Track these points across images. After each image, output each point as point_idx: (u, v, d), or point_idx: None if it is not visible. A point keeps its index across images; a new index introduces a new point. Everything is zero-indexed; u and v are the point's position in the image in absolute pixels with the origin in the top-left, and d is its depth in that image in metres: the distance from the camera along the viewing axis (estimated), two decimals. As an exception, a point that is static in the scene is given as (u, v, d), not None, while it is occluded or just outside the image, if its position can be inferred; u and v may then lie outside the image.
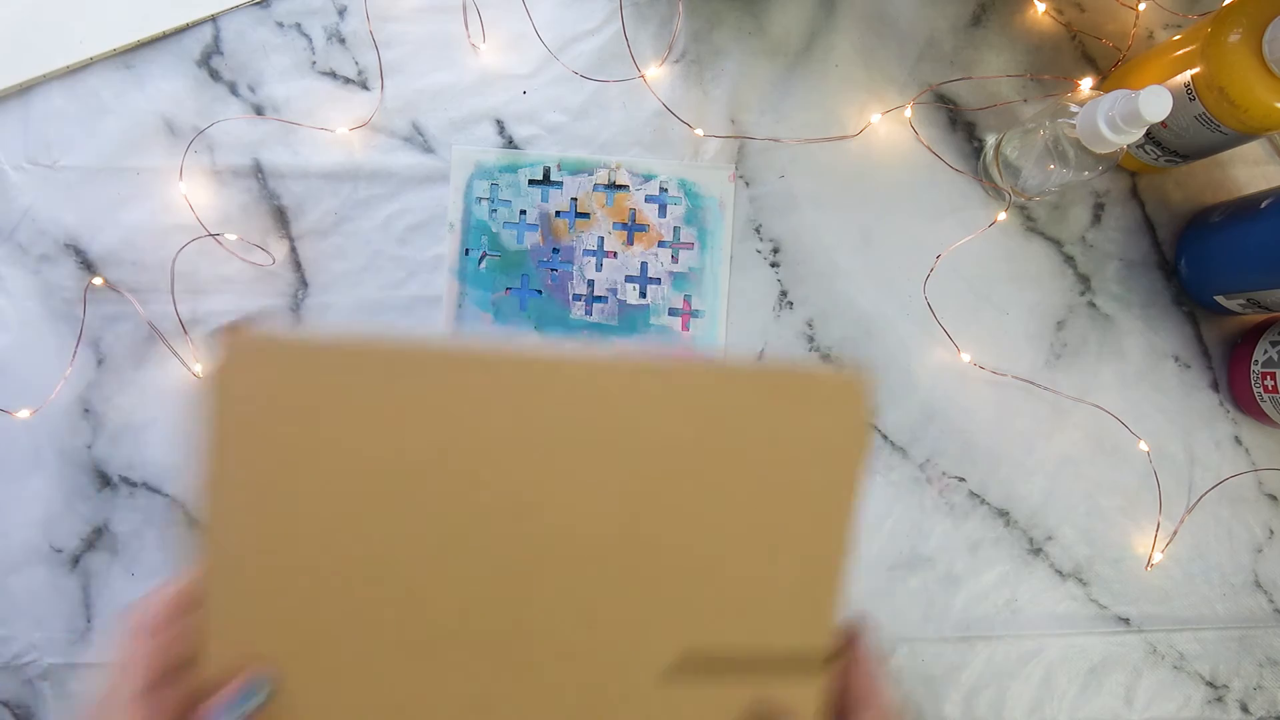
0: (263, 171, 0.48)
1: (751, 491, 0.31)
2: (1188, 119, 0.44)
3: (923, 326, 0.50)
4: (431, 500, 0.30)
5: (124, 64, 0.48)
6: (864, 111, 0.51)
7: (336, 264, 0.48)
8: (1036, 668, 0.50)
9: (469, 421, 0.29)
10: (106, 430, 0.47)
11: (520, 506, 0.30)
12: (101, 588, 0.47)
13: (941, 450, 0.50)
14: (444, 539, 0.30)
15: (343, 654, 0.30)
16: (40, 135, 0.48)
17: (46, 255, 0.47)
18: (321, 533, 0.29)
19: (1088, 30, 0.52)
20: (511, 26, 0.49)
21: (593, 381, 0.30)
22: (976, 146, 0.51)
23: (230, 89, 0.49)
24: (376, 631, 0.30)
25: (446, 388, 0.29)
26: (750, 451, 0.31)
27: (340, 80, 0.49)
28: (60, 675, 0.46)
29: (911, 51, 0.51)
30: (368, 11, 0.49)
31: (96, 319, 0.47)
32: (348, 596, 0.29)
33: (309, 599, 0.29)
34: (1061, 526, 0.50)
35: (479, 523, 0.30)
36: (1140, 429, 0.51)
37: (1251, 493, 0.51)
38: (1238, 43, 0.40)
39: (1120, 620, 0.50)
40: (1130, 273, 0.52)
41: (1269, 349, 0.48)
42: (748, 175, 0.50)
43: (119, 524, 0.47)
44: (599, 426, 0.30)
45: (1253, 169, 0.52)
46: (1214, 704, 0.51)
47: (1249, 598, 0.51)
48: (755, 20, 0.51)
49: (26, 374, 0.47)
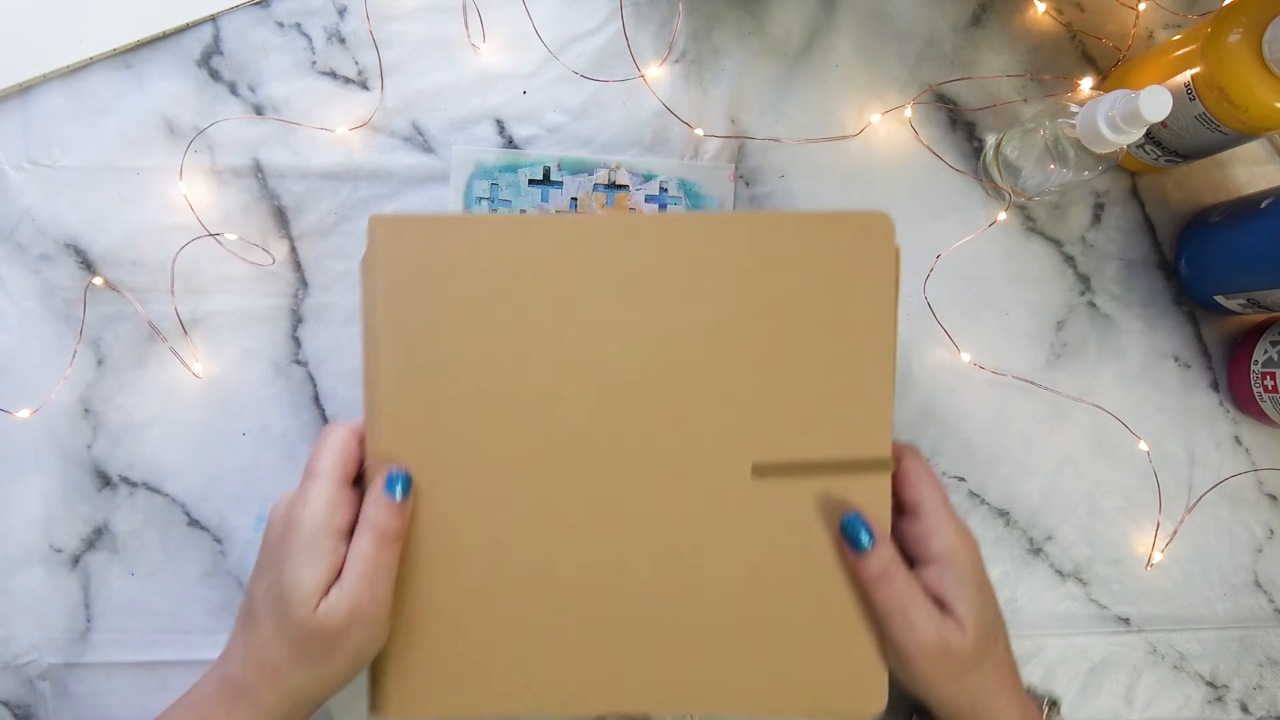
0: (263, 171, 0.48)
1: (804, 320, 0.38)
2: (1188, 119, 0.44)
3: (923, 326, 0.50)
4: (554, 333, 0.37)
5: (124, 64, 0.48)
6: (864, 111, 0.51)
7: (336, 264, 0.48)
8: (1036, 668, 0.50)
9: (577, 268, 0.37)
10: (106, 430, 0.47)
11: (623, 337, 0.37)
12: (101, 588, 0.47)
13: (941, 450, 0.50)
14: (565, 364, 0.37)
15: (489, 457, 0.37)
16: (40, 135, 0.48)
17: (46, 255, 0.47)
18: (469, 364, 0.37)
19: (1088, 30, 0.52)
20: (511, 26, 0.49)
21: (667, 234, 0.38)
22: (976, 146, 0.51)
23: (230, 89, 0.49)
24: (518, 441, 0.37)
25: (553, 244, 0.37)
26: (798, 286, 0.38)
27: (340, 80, 0.49)
28: (60, 675, 0.46)
29: (911, 51, 0.51)
30: (368, 11, 0.49)
31: (96, 319, 0.47)
32: (491, 412, 0.37)
33: (462, 413, 0.37)
34: (1061, 526, 0.50)
35: (592, 350, 0.37)
36: (1140, 429, 0.51)
37: (1251, 493, 0.51)
38: (1238, 43, 0.40)
39: (1120, 620, 0.50)
40: (1130, 273, 0.52)
41: (1269, 349, 0.48)
42: (748, 175, 0.50)
43: (119, 524, 0.47)
44: (677, 270, 0.37)
45: (1253, 169, 0.52)
46: (1214, 704, 0.51)
47: (1249, 597, 0.51)
48: (755, 20, 0.51)
49: (26, 374, 0.47)
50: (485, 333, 0.37)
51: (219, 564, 0.47)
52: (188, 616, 0.47)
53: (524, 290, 0.37)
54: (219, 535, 0.47)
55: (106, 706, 0.46)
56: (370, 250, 0.37)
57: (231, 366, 0.48)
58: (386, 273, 0.37)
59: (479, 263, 0.37)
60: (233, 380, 0.48)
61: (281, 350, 0.48)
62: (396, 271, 0.37)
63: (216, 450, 0.48)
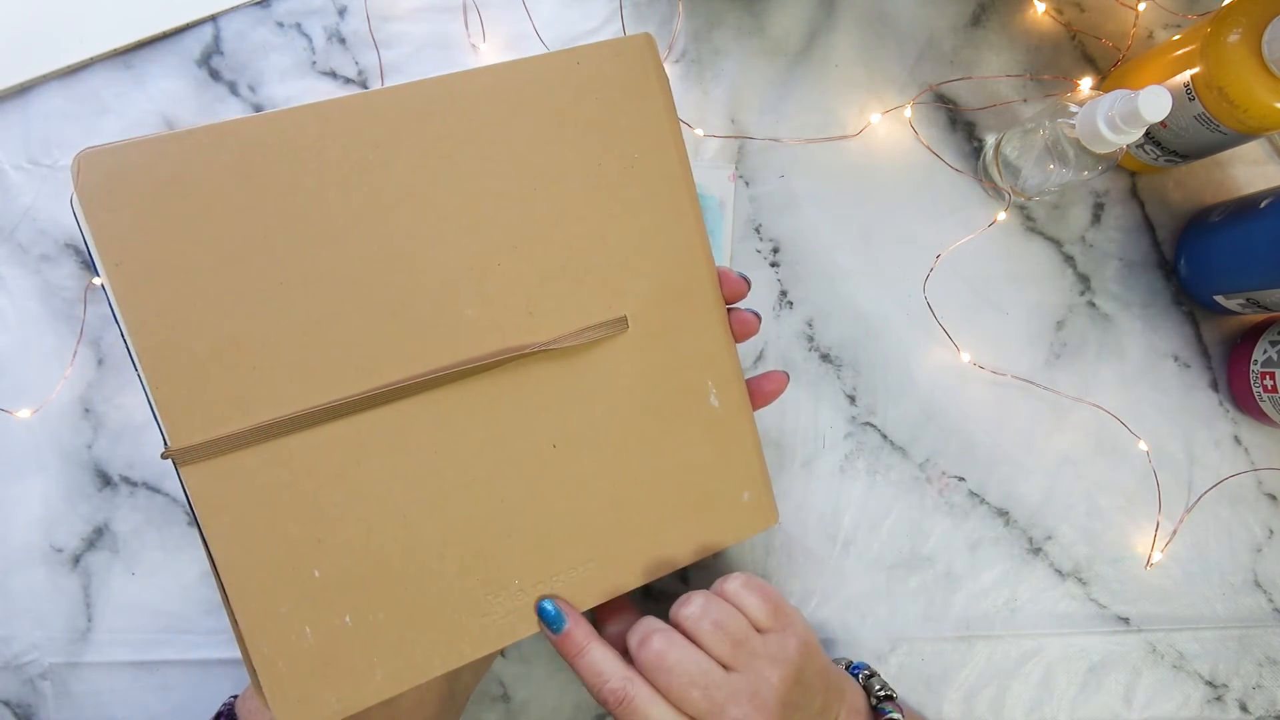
0: (263, 171, 0.48)
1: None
2: (1187, 119, 0.44)
3: (922, 326, 0.50)
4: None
5: (124, 64, 0.48)
6: (864, 111, 0.51)
7: (336, 264, 0.48)
8: (1036, 667, 0.50)
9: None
10: (106, 430, 0.47)
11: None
12: (101, 587, 0.47)
13: (941, 450, 0.50)
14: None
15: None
16: (40, 135, 0.48)
17: (46, 255, 0.47)
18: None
19: (1087, 30, 0.52)
20: (511, 26, 0.49)
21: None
22: (976, 146, 0.51)
23: (230, 89, 0.49)
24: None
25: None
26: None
27: (340, 80, 0.49)
28: (60, 675, 0.46)
29: (911, 51, 0.51)
30: (368, 11, 0.49)
31: (96, 319, 0.47)
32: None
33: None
34: (1061, 526, 0.50)
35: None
36: (1140, 429, 0.51)
37: (1251, 492, 0.51)
38: (1237, 43, 0.40)
39: (1120, 620, 0.50)
40: (1130, 272, 0.52)
41: (1268, 349, 0.48)
42: (748, 175, 0.50)
43: (119, 524, 0.47)
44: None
45: (1253, 169, 0.52)
46: (1213, 703, 0.51)
47: (1248, 597, 0.51)
48: (755, 20, 0.51)
49: (26, 374, 0.47)
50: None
51: (219, 564, 0.47)
52: (188, 616, 0.47)
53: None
54: (219, 535, 0.47)
55: (107, 706, 0.46)
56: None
57: (232, 366, 0.48)
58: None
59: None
60: (233, 380, 0.48)
61: (282, 350, 0.48)
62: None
63: (217, 450, 0.48)
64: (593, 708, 0.48)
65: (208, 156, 0.32)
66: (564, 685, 0.48)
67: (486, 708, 0.48)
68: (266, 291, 0.33)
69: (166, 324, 0.32)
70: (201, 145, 0.32)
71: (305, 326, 0.33)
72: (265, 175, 0.33)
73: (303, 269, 0.33)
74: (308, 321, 0.33)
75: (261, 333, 0.33)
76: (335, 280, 0.34)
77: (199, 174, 0.32)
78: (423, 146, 0.34)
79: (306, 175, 0.33)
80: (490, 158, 0.35)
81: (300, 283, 0.33)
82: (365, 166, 0.34)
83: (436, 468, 0.35)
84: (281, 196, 0.33)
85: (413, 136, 0.34)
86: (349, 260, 0.34)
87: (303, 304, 0.33)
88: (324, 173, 0.33)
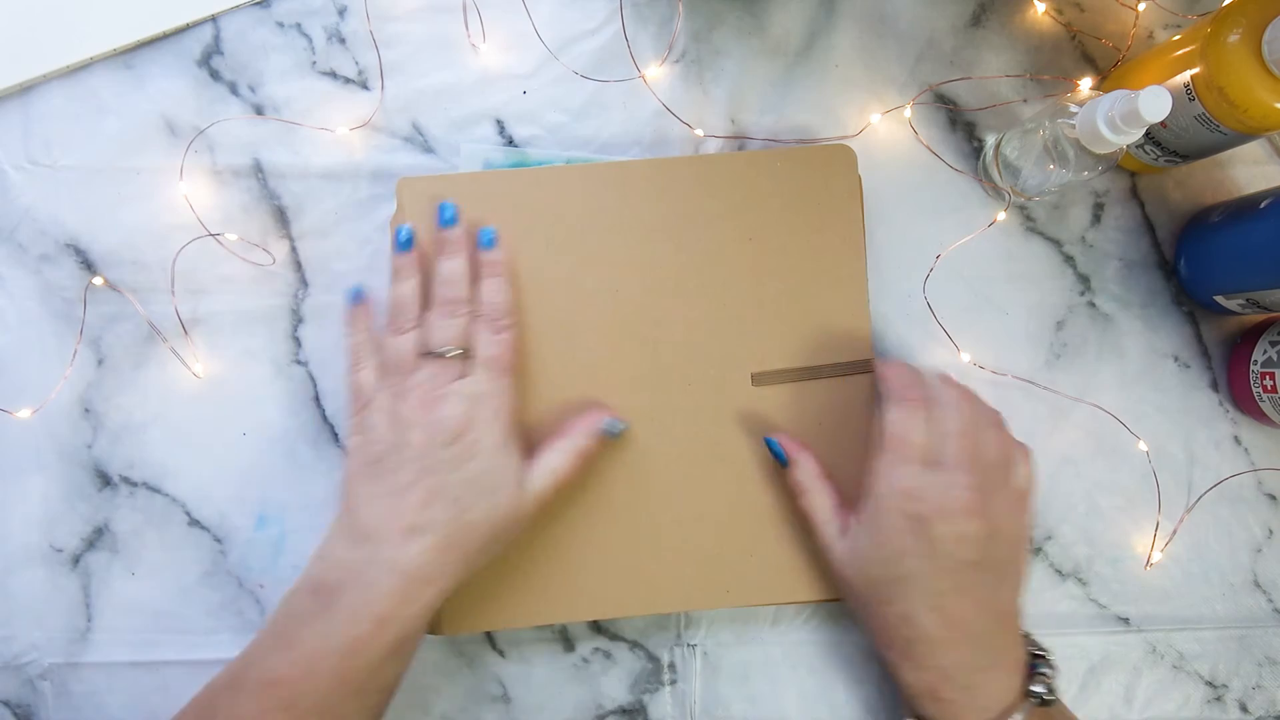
0: (263, 171, 0.48)
1: (787, 244, 0.45)
2: (1187, 119, 0.44)
3: (923, 326, 0.50)
4: (569, 270, 0.45)
5: (124, 64, 0.48)
6: (864, 111, 0.51)
7: (336, 264, 0.48)
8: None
9: (586, 211, 0.45)
10: (106, 430, 0.47)
11: (632, 270, 0.45)
12: (101, 587, 0.47)
13: (941, 450, 0.50)
14: (582, 297, 0.45)
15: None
16: (40, 135, 0.48)
17: (46, 255, 0.47)
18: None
19: (1087, 30, 0.52)
20: (511, 26, 0.50)
21: (658, 177, 0.46)
22: (976, 146, 0.51)
23: (230, 89, 0.49)
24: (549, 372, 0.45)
25: (561, 191, 0.45)
26: (777, 213, 0.45)
27: (340, 80, 0.49)
28: (60, 675, 0.46)
29: (911, 51, 0.51)
30: (368, 11, 0.49)
31: (96, 319, 0.47)
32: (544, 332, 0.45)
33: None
34: (1061, 526, 0.50)
35: (606, 283, 0.45)
36: (1140, 429, 0.51)
37: (1251, 493, 0.51)
38: (1237, 43, 0.40)
39: (1119, 620, 0.50)
40: (1130, 273, 0.52)
41: (1268, 349, 0.48)
42: (748, 175, 0.50)
43: (119, 524, 0.47)
44: (672, 208, 0.45)
45: (1253, 169, 0.52)
46: (1213, 703, 0.51)
47: (1248, 597, 0.51)
48: (755, 20, 0.51)
49: (26, 374, 0.47)
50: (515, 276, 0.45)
51: (219, 564, 0.47)
52: (188, 616, 0.47)
53: (541, 234, 0.45)
54: (219, 535, 0.47)
55: (107, 706, 0.46)
56: (399, 213, 0.45)
57: (232, 366, 0.48)
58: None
59: (499, 214, 0.44)
60: (233, 380, 0.48)
61: (282, 350, 0.48)
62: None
63: (216, 450, 0.48)
64: (592, 707, 0.48)
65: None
66: (563, 685, 0.48)
67: (486, 708, 0.48)
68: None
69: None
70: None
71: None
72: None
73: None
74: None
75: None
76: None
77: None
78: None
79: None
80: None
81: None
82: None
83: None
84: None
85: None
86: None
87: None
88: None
